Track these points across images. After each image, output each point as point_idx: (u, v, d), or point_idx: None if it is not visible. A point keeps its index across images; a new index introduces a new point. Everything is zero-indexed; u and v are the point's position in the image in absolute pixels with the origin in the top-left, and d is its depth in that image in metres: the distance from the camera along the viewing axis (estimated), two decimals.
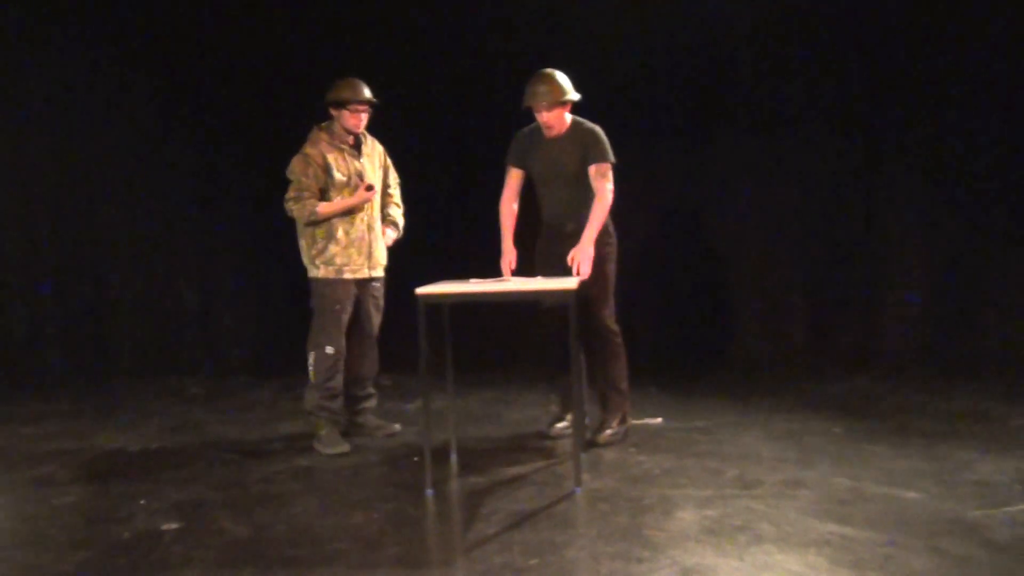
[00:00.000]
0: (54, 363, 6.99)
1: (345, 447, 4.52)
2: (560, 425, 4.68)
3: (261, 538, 3.30)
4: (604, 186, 4.40)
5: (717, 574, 2.83)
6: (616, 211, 4.53)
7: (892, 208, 6.60)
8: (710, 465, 4.06)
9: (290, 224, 4.72)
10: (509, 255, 4.53)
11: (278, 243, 6.99)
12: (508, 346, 6.98)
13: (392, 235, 4.86)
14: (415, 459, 4.28)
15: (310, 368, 4.59)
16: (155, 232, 7.16)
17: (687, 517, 3.36)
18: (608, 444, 4.46)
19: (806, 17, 6.50)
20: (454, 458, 4.31)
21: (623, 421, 4.58)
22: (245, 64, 6.97)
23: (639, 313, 6.67)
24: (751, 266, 6.90)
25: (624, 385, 4.58)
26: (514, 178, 4.63)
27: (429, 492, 3.77)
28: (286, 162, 4.63)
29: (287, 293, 7.20)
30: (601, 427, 4.54)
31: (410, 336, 4.17)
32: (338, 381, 4.60)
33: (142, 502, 3.74)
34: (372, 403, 4.92)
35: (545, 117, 4.42)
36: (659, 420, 4.96)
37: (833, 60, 6.56)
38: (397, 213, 4.93)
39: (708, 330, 6.95)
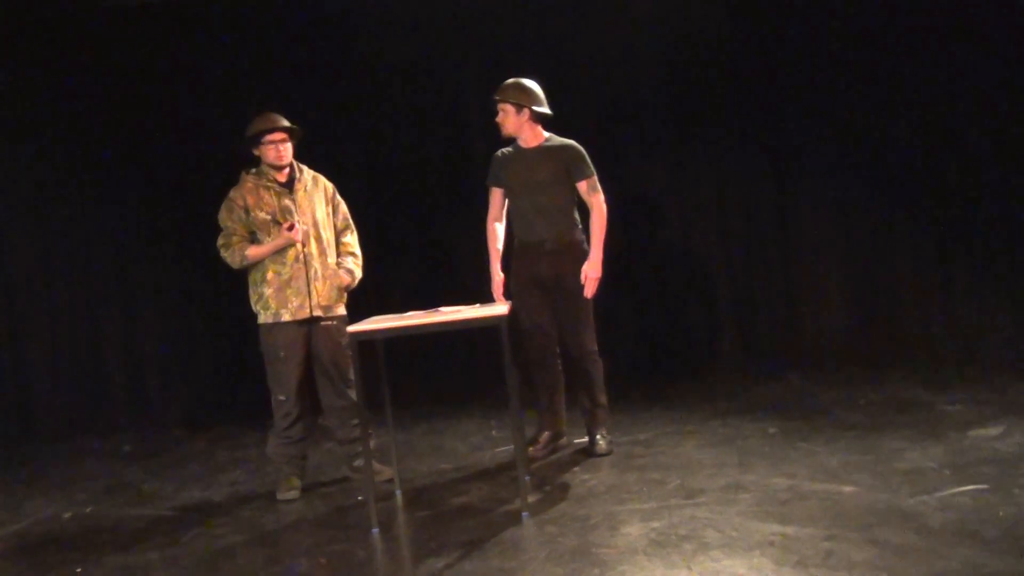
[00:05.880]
0: None
1: (291, 494, 4.41)
2: (536, 445, 4.72)
3: None
4: (599, 199, 4.55)
5: None
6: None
7: (804, 208, 6.80)
8: (652, 477, 4.11)
9: (218, 274, 4.57)
10: (497, 280, 4.60)
11: (204, 294, 6.94)
12: (440, 377, 6.96)
13: (345, 279, 4.51)
14: (359, 499, 4.23)
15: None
16: (73, 289, 6.96)
17: (634, 532, 3.39)
18: (609, 452, 4.59)
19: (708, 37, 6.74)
20: (399, 494, 4.29)
21: (608, 430, 4.70)
22: (163, 121, 6.85)
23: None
24: (670, 276, 7.00)
25: (605, 399, 4.70)
26: (496, 196, 4.68)
27: (375, 531, 3.73)
28: (205, 216, 4.53)
29: (215, 343, 7.09)
30: (592, 440, 4.65)
31: None
32: (297, 428, 4.46)
33: (78, 570, 3.62)
34: (371, 444, 4.21)
35: (500, 116, 4.52)
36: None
37: (737, 71, 6.77)
38: (351, 262, 4.58)
39: (635, 342, 7.01)
